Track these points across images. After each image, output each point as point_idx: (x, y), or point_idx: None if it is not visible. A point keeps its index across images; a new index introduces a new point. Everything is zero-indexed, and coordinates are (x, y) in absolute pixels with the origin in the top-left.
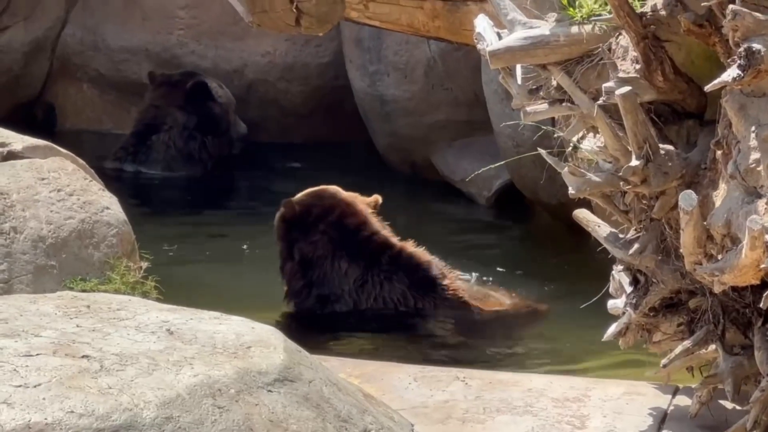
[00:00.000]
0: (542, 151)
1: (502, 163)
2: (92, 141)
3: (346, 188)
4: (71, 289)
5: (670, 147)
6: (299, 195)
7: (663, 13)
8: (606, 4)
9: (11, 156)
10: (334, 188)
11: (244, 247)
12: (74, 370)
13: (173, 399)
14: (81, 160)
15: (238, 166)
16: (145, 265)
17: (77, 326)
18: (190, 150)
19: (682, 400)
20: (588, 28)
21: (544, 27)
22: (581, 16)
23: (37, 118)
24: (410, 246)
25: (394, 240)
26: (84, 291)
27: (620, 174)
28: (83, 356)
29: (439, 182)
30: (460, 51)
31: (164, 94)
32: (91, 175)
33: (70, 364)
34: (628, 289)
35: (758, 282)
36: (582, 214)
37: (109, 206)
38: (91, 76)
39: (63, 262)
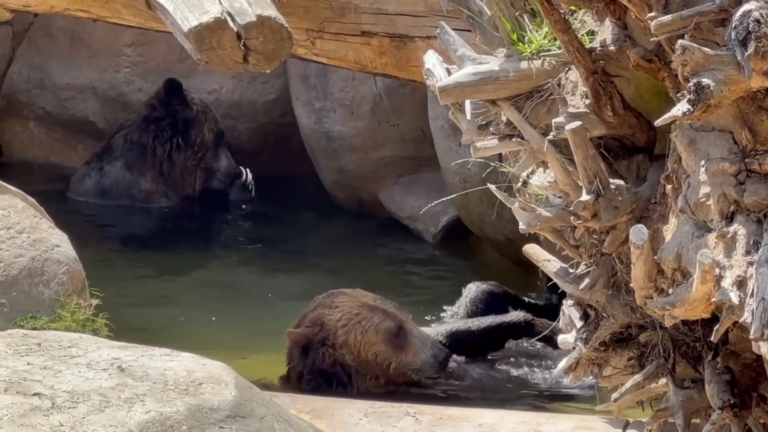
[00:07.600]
0: (492, 187)
1: (449, 198)
2: (40, 170)
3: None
4: (21, 327)
5: (620, 182)
6: None
7: (612, 48)
8: (555, 40)
9: None
10: None
11: (195, 283)
12: (26, 407)
13: None
14: (31, 198)
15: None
16: (95, 302)
17: (28, 364)
18: (143, 141)
19: None
20: (537, 63)
21: (493, 62)
22: (531, 52)
23: None
24: None
25: None
26: (34, 329)
27: (570, 209)
28: (35, 394)
29: (387, 218)
30: (407, 87)
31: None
32: (41, 213)
33: (22, 401)
34: (579, 323)
35: (708, 316)
36: (532, 250)
37: (59, 244)
38: (37, 114)
39: (13, 300)
